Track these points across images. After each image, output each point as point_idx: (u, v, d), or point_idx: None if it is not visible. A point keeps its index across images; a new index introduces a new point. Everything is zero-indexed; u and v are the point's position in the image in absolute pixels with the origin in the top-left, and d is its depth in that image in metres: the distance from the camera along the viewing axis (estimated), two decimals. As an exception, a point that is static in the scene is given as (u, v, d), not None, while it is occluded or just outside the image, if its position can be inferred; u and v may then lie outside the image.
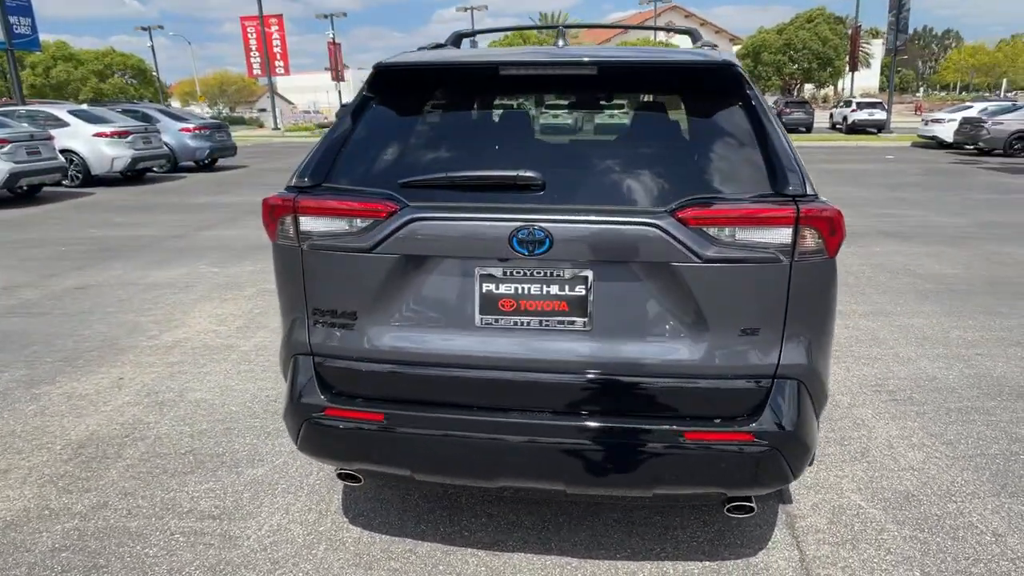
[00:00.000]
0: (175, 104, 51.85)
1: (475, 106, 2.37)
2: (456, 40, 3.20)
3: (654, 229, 1.91)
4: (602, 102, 2.25)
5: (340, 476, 2.41)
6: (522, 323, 2.05)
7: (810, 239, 1.93)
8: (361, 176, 2.16)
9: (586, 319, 2.02)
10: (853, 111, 30.88)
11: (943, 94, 74.36)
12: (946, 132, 22.63)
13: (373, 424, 2.15)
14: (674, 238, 1.90)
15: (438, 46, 2.98)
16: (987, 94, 58.60)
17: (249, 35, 38.06)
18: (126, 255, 7.85)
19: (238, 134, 19.88)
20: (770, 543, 2.62)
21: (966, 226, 9.20)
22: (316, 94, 66.20)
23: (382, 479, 2.76)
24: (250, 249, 8.03)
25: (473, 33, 3.36)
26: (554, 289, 2.02)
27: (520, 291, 2.03)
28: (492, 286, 2.04)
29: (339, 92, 49.22)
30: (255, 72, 39.54)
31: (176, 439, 3.47)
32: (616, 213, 1.96)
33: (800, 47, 47.50)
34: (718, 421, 2.04)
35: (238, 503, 2.91)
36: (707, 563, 2.51)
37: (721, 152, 2.07)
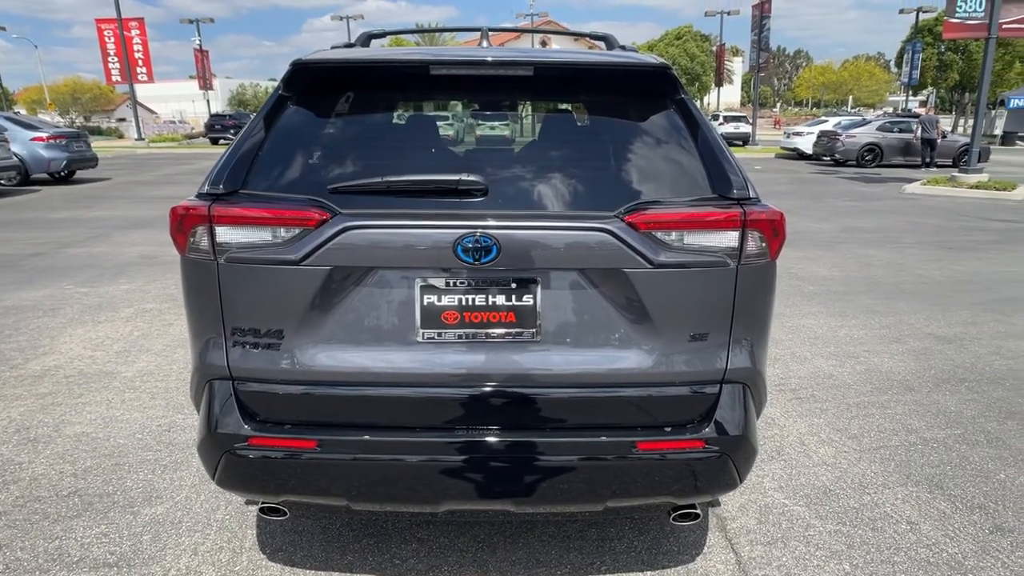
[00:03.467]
0: (21, 112, 47.02)
1: (404, 108, 2.23)
2: (366, 41, 3.05)
3: (605, 234, 1.86)
4: (539, 103, 2.18)
5: (264, 511, 2.18)
6: (467, 336, 1.93)
7: (755, 242, 1.95)
8: (282, 182, 1.97)
9: (534, 329, 1.93)
10: (721, 124, 32.74)
11: (797, 109, 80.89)
12: (806, 144, 24.60)
13: (304, 452, 1.95)
14: (625, 243, 1.86)
15: (348, 46, 2.83)
16: (836, 109, 64.34)
17: (107, 39, 34.99)
18: (-24, 274, 6.96)
19: (97, 145, 18.18)
20: (706, 547, 2.64)
21: (834, 231, 9.97)
22: (180, 103, 62.39)
23: (310, 511, 2.54)
24: (123, 267, 7.36)
25: (384, 34, 3.20)
26: (500, 299, 1.92)
27: (464, 302, 1.91)
28: (434, 298, 1.91)
29: (207, 101, 46.64)
30: (114, 79, 36.44)
31: (56, 480, 3.06)
32: (564, 218, 1.89)
33: (671, 63, 50.50)
34: (668, 430, 2.01)
35: (137, 547, 2.59)
36: (648, 573, 2.49)
37: (662, 155, 2.06)
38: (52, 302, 5.96)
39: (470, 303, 1.91)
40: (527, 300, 1.92)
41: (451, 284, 1.90)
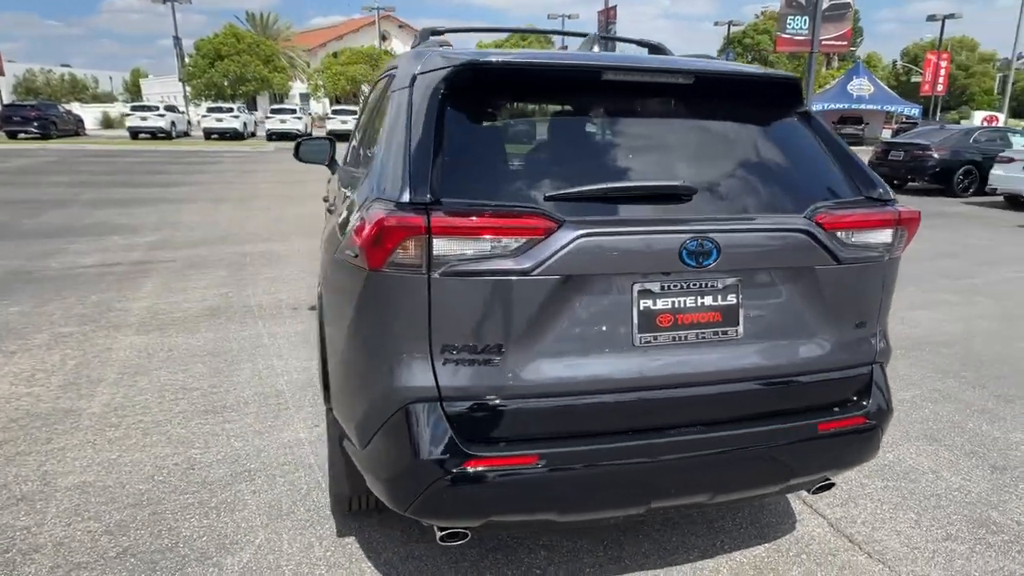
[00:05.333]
0: None
1: (572, 111, 2.20)
2: (426, 36, 2.98)
3: (803, 235, 2.00)
4: (694, 110, 2.25)
5: (444, 538, 2.06)
6: (679, 338, 1.98)
7: (900, 238, 2.19)
8: (479, 189, 1.89)
9: (738, 327, 2.02)
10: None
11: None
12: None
13: (526, 469, 1.89)
14: (819, 243, 2.02)
15: (420, 44, 2.78)
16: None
17: None
18: None
19: None
20: (796, 515, 2.89)
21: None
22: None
23: (506, 530, 2.47)
24: (-5, 285, 6.29)
25: (444, 31, 3.11)
26: (708, 300, 1.99)
27: (677, 305, 1.96)
28: (649, 302, 1.94)
29: (-1, 90, 40.46)
30: None
31: (88, 541, 2.62)
32: (769, 220, 2.00)
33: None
34: (837, 409, 2.20)
35: (248, 602, 2.32)
36: (767, 545, 2.68)
37: (809, 160, 2.24)
38: (-74, 334, 4.98)
39: (682, 305, 1.97)
40: (731, 299, 2.01)
41: (665, 288, 1.94)
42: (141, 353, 4.61)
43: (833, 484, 2.43)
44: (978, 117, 33.69)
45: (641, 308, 1.93)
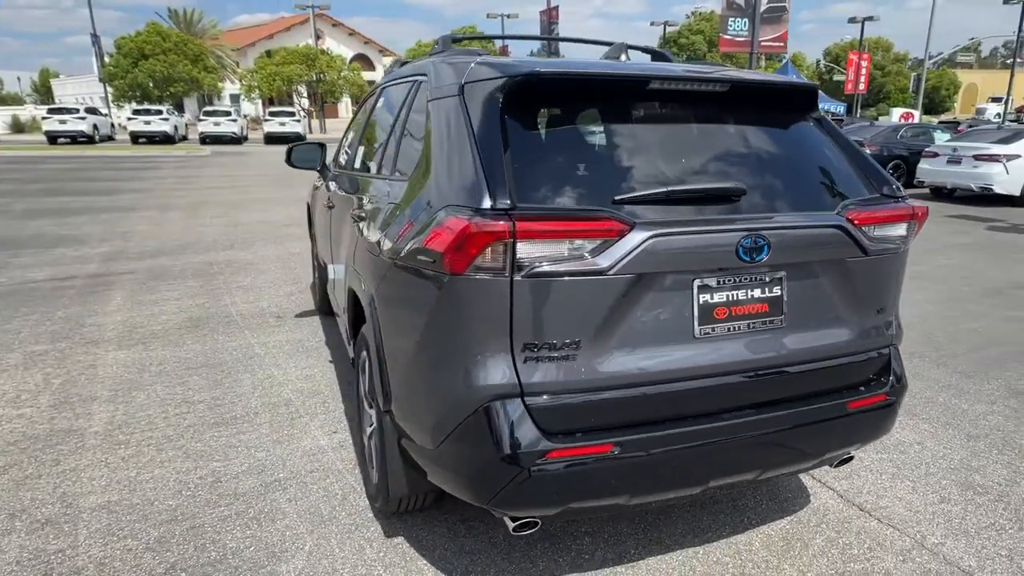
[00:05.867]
0: None
1: (620, 117, 2.31)
2: (448, 43, 3.05)
3: (838, 230, 2.20)
4: (728, 115, 2.41)
5: (516, 529, 2.16)
6: (733, 328, 2.14)
7: (913, 230, 2.42)
8: (547, 194, 2.00)
9: (782, 317, 2.20)
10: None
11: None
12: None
13: (601, 457, 2.02)
14: (852, 237, 2.22)
15: (437, 52, 2.88)
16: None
17: None
18: None
19: None
20: (810, 490, 3.11)
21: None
22: None
23: (577, 516, 2.62)
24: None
25: (463, 38, 3.19)
26: (757, 292, 2.16)
27: (731, 298, 2.13)
28: (708, 296, 2.09)
29: None
30: None
31: (131, 559, 2.59)
32: (810, 216, 2.19)
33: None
34: (862, 389, 2.42)
35: (314, 606, 2.36)
36: (789, 518, 2.89)
37: (833, 160, 2.45)
38: None
39: (735, 298, 2.13)
40: (776, 291, 2.18)
41: (722, 282, 2.10)
42: (130, 368, 4.48)
43: (852, 457, 2.65)
44: (896, 114, 35.70)
45: (701, 302, 2.09)
